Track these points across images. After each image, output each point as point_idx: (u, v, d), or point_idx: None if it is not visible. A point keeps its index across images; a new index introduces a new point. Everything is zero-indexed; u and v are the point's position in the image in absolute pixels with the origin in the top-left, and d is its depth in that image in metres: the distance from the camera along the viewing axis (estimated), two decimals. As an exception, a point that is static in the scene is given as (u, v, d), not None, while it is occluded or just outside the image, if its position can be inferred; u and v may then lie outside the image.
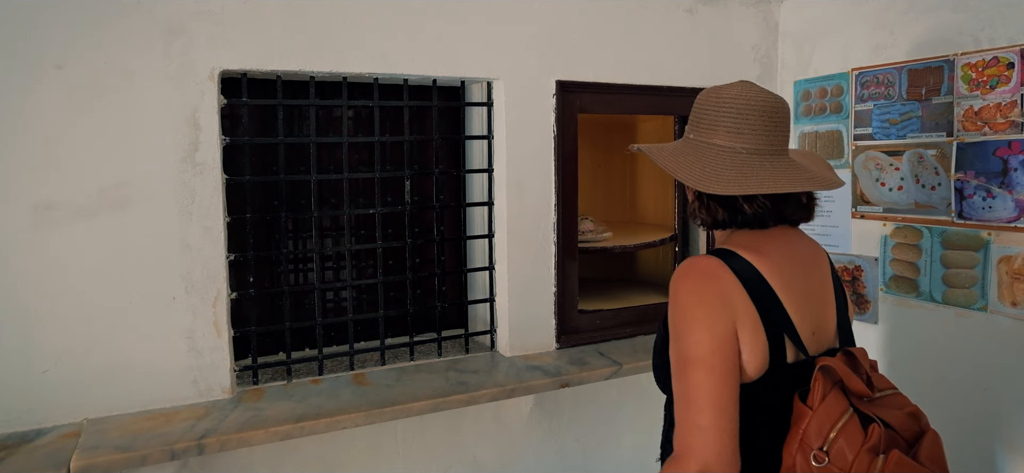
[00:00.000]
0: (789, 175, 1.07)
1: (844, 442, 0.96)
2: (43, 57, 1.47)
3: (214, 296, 1.65)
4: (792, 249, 1.12)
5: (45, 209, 1.49)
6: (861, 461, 0.94)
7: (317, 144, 1.80)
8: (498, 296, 2.05)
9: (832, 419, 0.98)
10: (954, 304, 1.90)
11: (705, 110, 1.12)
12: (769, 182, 1.05)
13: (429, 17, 1.82)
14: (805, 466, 0.98)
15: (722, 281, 1.02)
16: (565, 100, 2.02)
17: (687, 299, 1.02)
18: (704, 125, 1.12)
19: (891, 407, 1.03)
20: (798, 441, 0.99)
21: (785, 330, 1.04)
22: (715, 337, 0.99)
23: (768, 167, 1.07)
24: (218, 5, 1.60)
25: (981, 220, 1.82)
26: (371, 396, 1.71)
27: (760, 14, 2.33)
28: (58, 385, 1.53)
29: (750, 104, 1.08)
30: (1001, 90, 1.76)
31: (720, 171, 1.06)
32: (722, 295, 1.01)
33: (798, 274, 1.09)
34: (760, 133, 1.08)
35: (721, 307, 1.00)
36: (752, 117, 1.08)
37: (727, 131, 1.08)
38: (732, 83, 1.13)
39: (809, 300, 1.09)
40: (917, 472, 0.95)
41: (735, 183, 1.04)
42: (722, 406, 0.96)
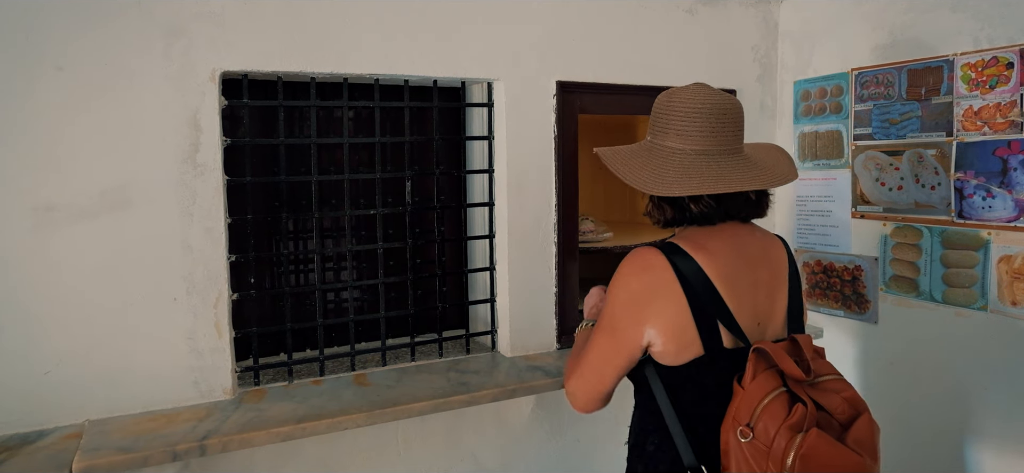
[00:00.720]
0: (734, 175, 1.13)
1: (768, 418, 1.04)
2: (43, 58, 1.47)
3: (215, 297, 1.65)
4: (739, 244, 1.19)
5: (45, 210, 1.49)
6: (782, 436, 1.02)
7: (318, 145, 1.80)
8: (499, 296, 2.05)
9: (758, 396, 1.06)
10: (954, 304, 1.90)
11: (659, 113, 1.20)
12: (711, 183, 1.11)
13: (429, 18, 1.82)
14: (734, 440, 1.07)
15: (655, 271, 1.14)
16: (565, 100, 2.02)
17: (623, 277, 1.18)
18: (658, 128, 1.20)
19: (829, 391, 1.10)
20: (731, 417, 1.08)
21: (721, 319, 1.13)
22: (625, 314, 1.16)
23: (714, 167, 1.13)
24: (219, 6, 1.60)
25: (981, 220, 1.83)
26: (372, 397, 1.71)
27: (760, 14, 2.33)
28: (59, 386, 1.53)
29: (699, 107, 1.14)
30: (1000, 90, 1.76)
31: (666, 172, 1.13)
32: (648, 286, 1.14)
33: (744, 268, 1.17)
34: (709, 134, 1.14)
35: (642, 295, 1.15)
36: (700, 119, 1.14)
37: (677, 133, 1.15)
38: (687, 86, 1.20)
39: (754, 291, 1.18)
40: (834, 450, 1.01)
41: (677, 184, 1.11)
42: (605, 361, 1.19)
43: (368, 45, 1.76)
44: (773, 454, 1.02)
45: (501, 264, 2.02)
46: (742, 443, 1.05)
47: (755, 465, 1.04)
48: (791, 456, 1.00)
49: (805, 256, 2.34)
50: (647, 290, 1.14)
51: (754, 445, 1.04)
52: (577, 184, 2.08)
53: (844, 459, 1.02)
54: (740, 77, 2.31)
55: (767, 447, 1.03)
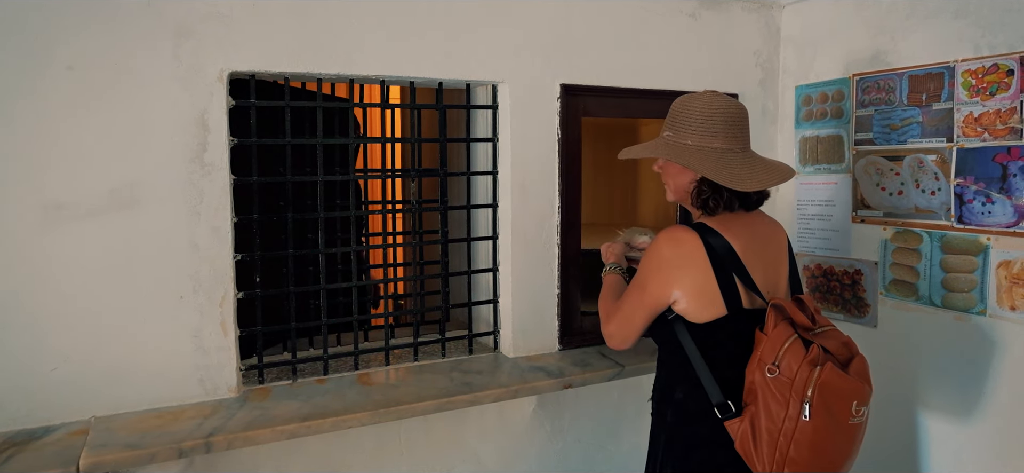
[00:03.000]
0: (768, 169, 1.41)
1: (791, 357, 1.27)
2: (54, 58, 1.48)
3: (221, 296, 1.66)
4: (754, 227, 1.44)
5: (54, 209, 1.51)
6: (803, 370, 1.26)
7: (324, 145, 1.81)
8: (502, 297, 2.06)
9: (781, 341, 1.29)
10: (953, 308, 1.91)
11: (699, 119, 1.40)
12: (764, 177, 1.39)
13: (435, 20, 1.83)
14: (762, 379, 1.29)
15: (685, 245, 1.36)
16: (569, 103, 2.03)
17: (659, 248, 1.39)
18: (703, 131, 1.39)
19: (830, 337, 1.35)
20: (757, 360, 1.31)
21: (744, 282, 1.36)
22: (656, 278, 1.38)
23: (757, 163, 1.41)
24: (227, 8, 1.62)
25: (980, 225, 1.84)
26: (376, 396, 1.72)
27: (762, 19, 2.34)
28: (66, 383, 1.54)
29: (732, 114, 1.40)
30: (1001, 96, 1.78)
31: (740, 171, 1.36)
32: (680, 258, 1.36)
33: (759, 245, 1.42)
34: (740, 136, 1.41)
35: (673, 265, 1.37)
36: (736, 122, 1.41)
37: (726, 136, 1.39)
38: (708, 93, 1.42)
39: (766, 266, 1.42)
40: (844, 378, 1.27)
41: (750, 180, 1.36)
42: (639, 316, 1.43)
43: (374, 47, 1.77)
44: (796, 385, 1.25)
45: (504, 265, 2.04)
46: (769, 379, 1.27)
47: (780, 396, 1.26)
48: (811, 385, 1.24)
49: (805, 259, 2.35)
50: (676, 258, 1.37)
51: (779, 380, 1.26)
52: (580, 186, 2.09)
53: (851, 385, 1.27)
54: (742, 81, 2.33)
55: (790, 380, 1.25)
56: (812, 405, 1.24)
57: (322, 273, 1.85)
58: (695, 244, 1.36)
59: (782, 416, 1.26)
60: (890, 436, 2.12)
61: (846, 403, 1.27)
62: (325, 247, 1.84)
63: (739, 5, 2.29)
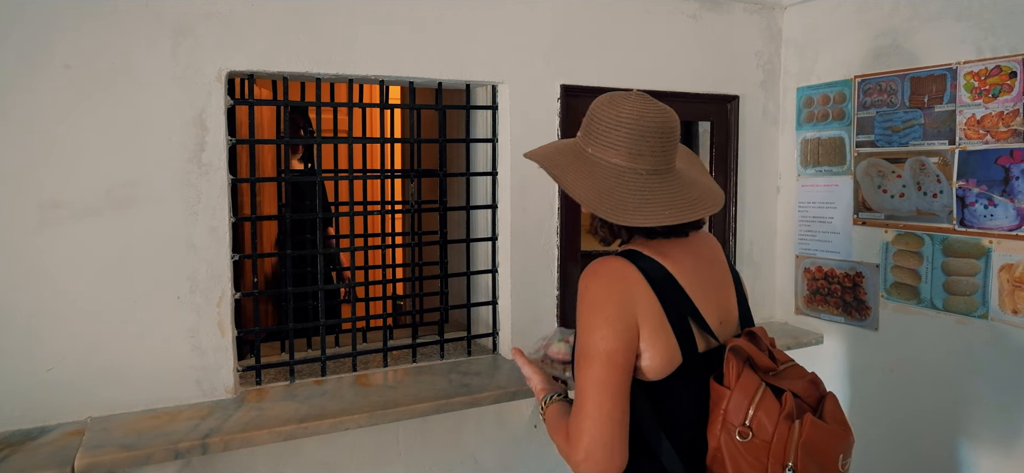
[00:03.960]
0: (684, 201, 1.11)
1: (763, 414, 1.04)
2: (51, 56, 1.48)
3: (219, 296, 1.65)
4: (693, 247, 1.18)
5: (51, 208, 1.50)
6: (781, 428, 1.03)
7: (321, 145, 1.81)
8: (501, 299, 2.05)
9: (749, 395, 1.05)
10: (955, 311, 1.90)
11: (604, 127, 1.11)
12: (669, 213, 1.08)
13: (435, 20, 1.83)
14: (730, 443, 1.05)
15: (629, 281, 1.08)
16: (569, 104, 2.03)
17: (594, 296, 1.08)
18: (604, 141, 1.11)
19: (794, 377, 1.12)
20: (721, 421, 1.06)
21: (695, 321, 1.11)
22: (617, 335, 1.05)
23: (666, 191, 1.10)
24: (226, 7, 1.61)
25: (982, 228, 1.83)
26: (374, 397, 1.71)
27: (763, 20, 2.34)
28: (62, 383, 1.53)
29: (649, 125, 1.09)
30: (1003, 99, 1.77)
31: (626, 197, 1.08)
32: (628, 295, 1.07)
33: (702, 268, 1.17)
34: (658, 154, 1.11)
35: (626, 307, 1.06)
36: (652, 138, 1.09)
37: (628, 152, 1.09)
38: (628, 95, 1.12)
39: (713, 291, 1.17)
40: (827, 430, 1.05)
41: (640, 214, 1.08)
42: (617, 404, 1.04)
43: (374, 46, 1.76)
44: (774, 449, 1.02)
45: (503, 266, 2.03)
46: (740, 443, 1.04)
47: (755, 462, 1.03)
48: (793, 446, 1.02)
49: (806, 262, 2.34)
50: (630, 300, 1.06)
51: (752, 444, 1.04)
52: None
53: (837, 437, 1.06)
54: (743, 83, 2.32)
55: (767, 443, 1.03)
56: (796, 470, 1.02)
57: (320, 274, 1.84)
58: (632, 275, 1.08)
59: None
60: (891, 439, 2.11)
61: (832, 459, 1.05)
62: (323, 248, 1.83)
63: (740, 6, 2.28)
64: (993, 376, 1.83)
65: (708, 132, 2.36)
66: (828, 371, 2.27)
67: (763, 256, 2.43)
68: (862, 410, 2.17)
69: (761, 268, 2.43)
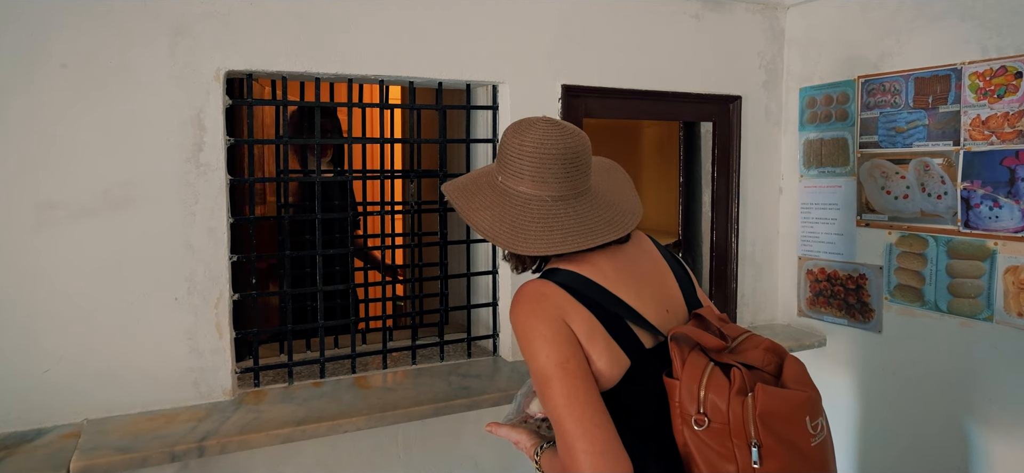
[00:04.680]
0: (590, 225, 1.11)
1: (714, 396, 1.01)
2: (48, 56, 1.46)
3: (216, 297, 1.64)
4: (610, 251, 1.15)
5: (48, 208, 1.49)
6: (734, 406, 0.99)
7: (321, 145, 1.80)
8: (501, 301, 2.04)
9: (697, 379, 1.02)
10: (959, 314, 1.89)
11: (511, 155, 1.12)
12: (572, 239, 1.08)
13: (435, 20, 1.81)
14: (692, 436, 1.02)
15: (550, 298, 1.06)
16: (570, 104, 2.01)
17: (525, 323, 1.06)
18: (510, 170, 1.12)
19: (749, 349, 1.08)
20: (679, 414, 1.04)
21: (631, 319, 1.09)
22: (560, 348, 1.03)
23: (572, 216, 1.10)
24: (224, 6, 1.60)
25: (987, 230, 1.81)
26: (373, 399, 1.70)
27: (766, 21, 2.32)
28: (59, 385, 1.52)
29: (550, 152, 1.09)
30: (1009, 99, 1.75)
31: (526, 226, 1.09)
32: (553, 309, 1.05)
33: (626, 267, 1.14)
34: (562, 180, 1.10)
35: (555, 319, 1.04)
36: (554, 165, 1.09)
37: (532, 180, 1.10)
38: (534, 122, 1.12)
39: (647, 286, 1.14)
40: (783, 395, 1.00)
41: (538, 241, 1.08)
42: (592, 409, 1.00)
43: (373, 46, 1.75)
44: (733, 428, 0.99)
45: (504, 268, 2.01)
46: (700, 432, 1.01)
47: (721, 449, 1.00)
48: (751, 421, 0.98)
49: (809, 264, 2.33)
50: (558, 313, 1.05)
51: (711, 429, 1.00)
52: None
53: (795, 399, 1.01)
54: (745, 83, 2.31)
55: (725, 424, 1.00)
56: (761, 446, 0.97)
57: (319, 275, 1.83)
58: (551, 291, 1.07)
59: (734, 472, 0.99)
60: (894, 442, 2.09)
61: (798, 425, 1.00)
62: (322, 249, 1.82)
63: (743, 6, 2.27)
64: (998, 379, 1.81)
65: (710, 133, 2.34)
66: (831, 374, 2.26)
67: (765, 257, 2.42)
68: (865, 413, 2.16)
69: (763, 269, 2.42)
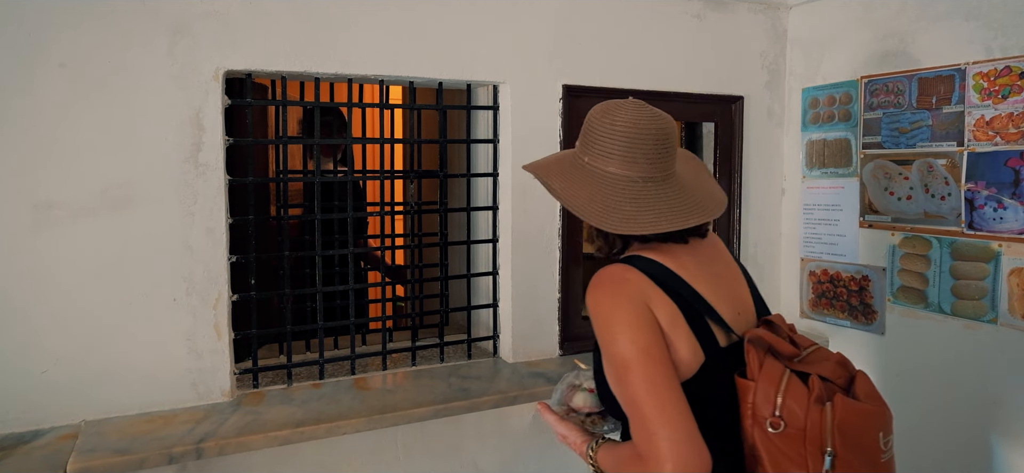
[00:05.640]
0: (681, 206, 1.10)
1: (792, 401, 1.01)
2: (46, 55, 1.46)
3: (215, 298, 1.63)
4: (693, 247, 1.15)
5: (46, 208, 1.48)
6: (813, 414, 0.99)
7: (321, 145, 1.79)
8: (501, 302, 2.03)
9: (775, 383, 1.02)
10: (963, 316, 1.87)
11: (599, 135, 1.11)
12: (666, 219, 1.07)
13: (435, 20, 1.80)
14: (763, 437, 1.02)
15: (633, 282, 1.06)
16: (572, 104, 2.00)
17: (606, 305, 1.05)
18: (598, 151, 1.11)
19: (819, 360, 1.10)
20: (751, 415, 1.04)
21: (709, 316, 1.09)
22: (644, 332, 1.01)
23: (663, 198, 1.09)
24: (224, 6, 1.59)
25: (991, 231, 1.80)
26: (372, 401, 1.69)
27: (769, 20, 2.31)
28: (56, 386, 1.51)
29: (644, 132, 1.08)
30: (1013, 100, 1.74)
31: (621, 205, 1.08)
32: (638, 294, 1.04)
33: (707, 265, 1.15)
34: (654, 161, 1.09)
35: (640, 305, 1.03)
36: (647, 146, 1.08)
37: (623, 160, 1.09)
38: (623, 104, 1.12)
39: (723, 286, 1.15)
40: (861, 408, 1.01)
41: (633, 221, 1.07)
42: (675, 396, 0.98)
43: (373, 46, 1.74)
44: (809, 435, 0.99)
45: (504, 269, 2.00)
46: (773, 435, 1.01)
47: (793, 454, 1.00)
48: (829, 430, 0.98)
49: (811, 265, 2.31)
50: (642, 297, 1.04)
51: (785, 434, 1.00)
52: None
53: (872, 414, 1.02)
54: (748, 83, 2.29)
55: (801, 431, 0.99)
56: (836, 455, 0.97)
57: (318, 275, 1.82)
58: (636, 277, 1.06)
59: None
60: (897, 445, 2.08)
61: (872, 439, 1.01)
62: (322, 249, 1.81)
63: (745, 6, 2.25)
64: (1002, 382, 1.80)
65: (712, 133, 2.33)
66: (833, 376, 2.24)
67: (768, 259, 2.40)
68: (868, 416, 2.14)
69: (766, 271, 2.40)
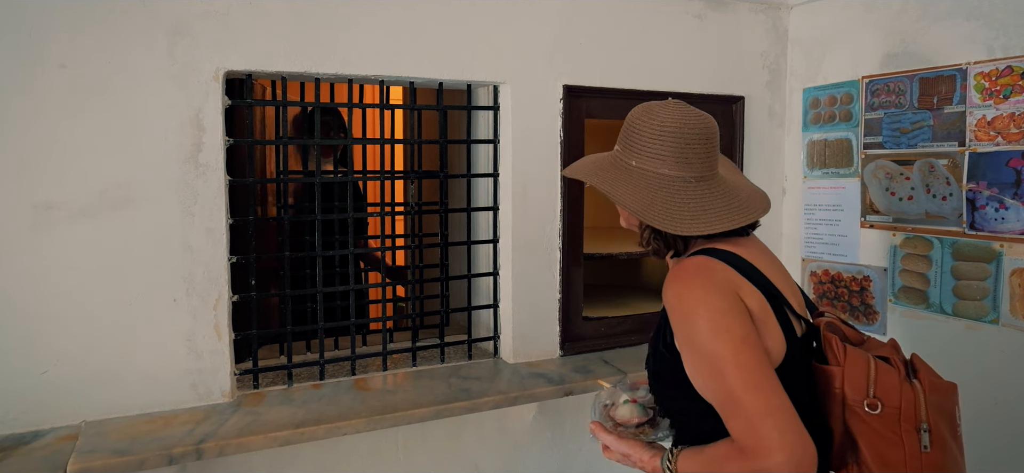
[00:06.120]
0: (738, 204, 1.12)
1: (885, 382, 1.02)
2: (46, 56, 1.46)
3: (215, 298, 1.63)
4: (749, 238, 1.16)
5: (46, 209, 1.48)
6: (906, 392, 1.01)
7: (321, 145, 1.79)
8: (502, 302, 2.03)
9: (864, 367, 1.03)
10: (964, 316, 1.87)
11: (647, 137, 1.11)
12: (728, 216, 1.09)
13: (435, 20, 1.80)
14: (857, 422, 1.03)
15: (722, 273, 1.04)
16: (572, 105, 2.00)
17: (693, 298, 1.02)
18: (649, 153, 1.11)
19: (879, 345, 1.13)
20: (840, 400, 1.04)
21: (786, 305, 1.08)
22: (740, 322, 0.99)
23: (719, 196, 1.11)
24: (223, 6, 1.59)
25: (993, 231, 1.79)
26: (372, 402, 1.69)
27: (770, 21, 2.31)
28: (56, 387, 1.51)
29: (693, 132, 1.09)
30: (1015, 100, 1.73)
31: (682, 206, 1.08)
32: (728, 284, 1.02)
33: (765, 257, 1.15)
34: (705, 160, 1.11)
35: (732, 294, 1.01)
36: (697, 145, 1.10)
37: (676, 161, 1.09)
38: (666, 105, 1.13)
39: (783, 276, 1.15)
40: (945, 384, 1.06)
41: (697, 221, 1.07)
42: (775, 385, 0.96)
43: (373, 46, 1.74)
44: (904, 412, 1.00)
45: (504, 269, 2.00)
46: (870, 417, 1.02)
47: (890, 434, 1.01)
48: (923, 405, 1.00)
49: (813, 265, 2.31)
50: (732, 287, 1.02)
51: (882, 415, 1.02)
52: (583, 189, 2.06)
53: (951, 388, 1.07)
54: (748, 84, 2.29)
55: (896, 409, 1.01)
56: (932, 431, 1.00)
57: (319, 276, 1.82)
58: (721, 267, 1.05)
59: (900, 457, 1.01)
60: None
61: (953, 410, 1.06)
62: (322, 250, 1.81)
63: (746, 6, 2.25)
64: (1004, 382, 1.79)
65: (713, 133, 2.32)
66: (835, 376, 2.24)
67: (768, 259, 2.40)
68: (869, 416, 2.14)
69: (766, 271, 2.40)
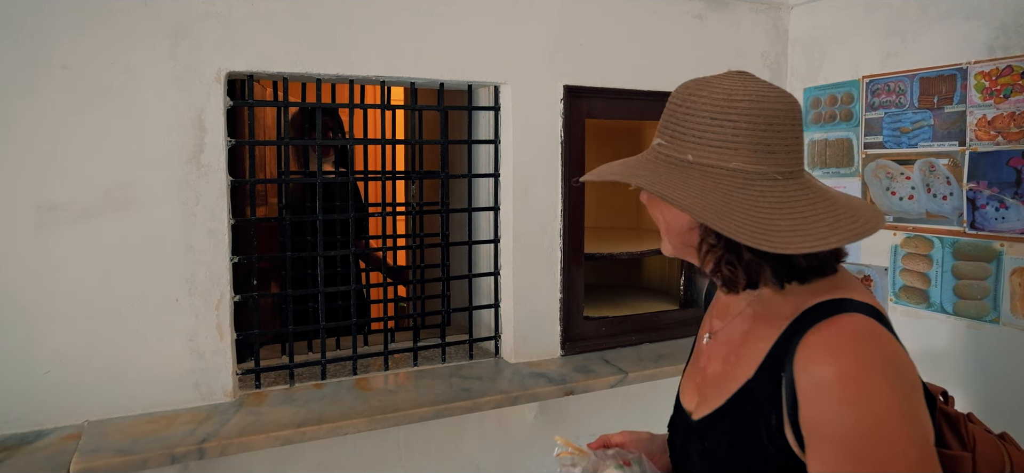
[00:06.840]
0: (847, 212, 0.79)
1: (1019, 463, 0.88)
2: (48, 57, 1.46)
3: (217, 298, 1.64)
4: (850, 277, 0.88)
5: (48, 209, 1.49)
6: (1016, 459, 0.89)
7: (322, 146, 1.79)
8: (503, 302, 2.03)
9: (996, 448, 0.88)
10: (965, 316, 1.87)
11: (708, 120, 0.79)
12: (841, 230, 0.77)
13: (436, 20, 1.81)
14: None
15: (899, 347, 0.78)
16: (573, 105, 2.00)
17: (881, 391, 0.72)
18: (710, 141, 0.79)
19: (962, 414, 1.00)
20: None
21: None
22: (928, 420, 0.77)
23: (819, 200, 0.79)
24: (225, 7, 1.59)
25: (994, 231, 1.79)
26: (374, 401, 1.69)
27: (770, 20, 2.31)
28: (59, 386, 1.52)
29: (774, 110, 0.77)
30: (1015, 99, 1.73)
31: (772, 216, 0.76)
32: (910, 364, 0.78)
33: None
34: (793, 149, 0.79)
35: (917, 380, 0.77)
36: (783, 127, 0.78)
37: (753, 150, 0.77)
38: (729, 75, 0.83)
39: None
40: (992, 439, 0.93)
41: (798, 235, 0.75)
42: None
43: (375, 47, 1.75)
44: None
45: (506, 269, 2.01)
46: None
47: None
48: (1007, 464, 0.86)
49: (813, 265, 2.31)
50: (914, 370, 0.79)
51: None
52: (583, 189, 2.06)
53: None
54: (749, 84, 2.29)
55: None
56: None
57: (320, 276, 1.82)
58: (894, 341, 0.78)
59: None
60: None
61: None
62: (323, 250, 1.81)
63: (746, 6, 2.25)
64: (1005, 382, 1.79)
65: (713, 133, 2.32)
66: (835, 376, 2.24)
67: (769, 259, 2.40)
68: (870, 416, 2.14)
69: (767, 271, 2.40)
